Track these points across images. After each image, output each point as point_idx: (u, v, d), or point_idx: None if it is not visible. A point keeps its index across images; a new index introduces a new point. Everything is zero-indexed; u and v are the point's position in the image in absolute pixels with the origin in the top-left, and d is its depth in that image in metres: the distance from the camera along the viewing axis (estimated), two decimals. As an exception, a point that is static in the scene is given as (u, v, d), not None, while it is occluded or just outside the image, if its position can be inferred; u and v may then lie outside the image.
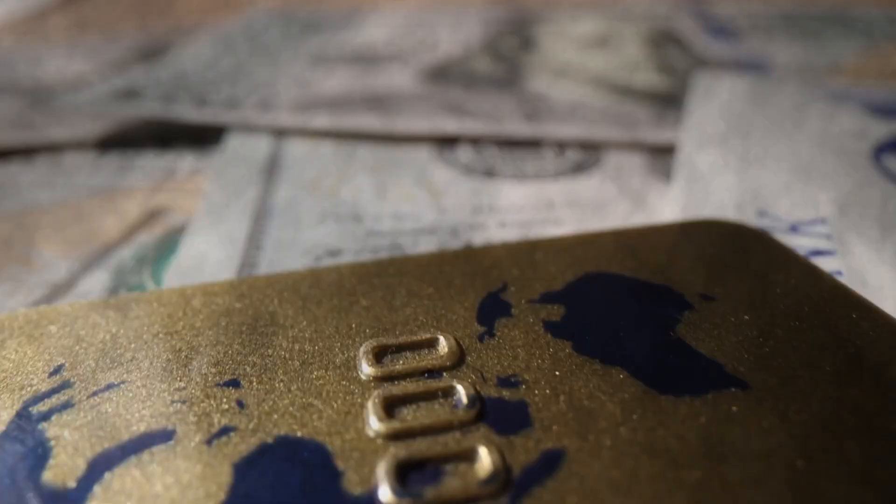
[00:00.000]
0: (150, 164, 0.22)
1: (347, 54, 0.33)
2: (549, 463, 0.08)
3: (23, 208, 0.20)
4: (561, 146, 0.22)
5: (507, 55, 0.34)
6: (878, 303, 0.12)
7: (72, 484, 0.09)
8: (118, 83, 0.27)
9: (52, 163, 0.23)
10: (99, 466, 0.09)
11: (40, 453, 0.09)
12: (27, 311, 0.13)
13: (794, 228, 0.15)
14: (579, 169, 0.20)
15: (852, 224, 0.16)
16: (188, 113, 0.24)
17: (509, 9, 0.43)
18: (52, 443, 0.09)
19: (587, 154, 0.21)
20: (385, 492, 0.08)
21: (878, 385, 0.10)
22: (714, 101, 0.24)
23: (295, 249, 0.16)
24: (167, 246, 0.17)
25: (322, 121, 0.23)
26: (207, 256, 0.16)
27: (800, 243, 0.15)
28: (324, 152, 0.22)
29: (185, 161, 0.22)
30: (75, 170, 0.22)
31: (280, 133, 0.23)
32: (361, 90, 0.27)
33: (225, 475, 0.09)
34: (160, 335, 0.11)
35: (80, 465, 0.09)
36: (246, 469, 0.09)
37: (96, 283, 0.16)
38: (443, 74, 0.30)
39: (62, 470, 0.09)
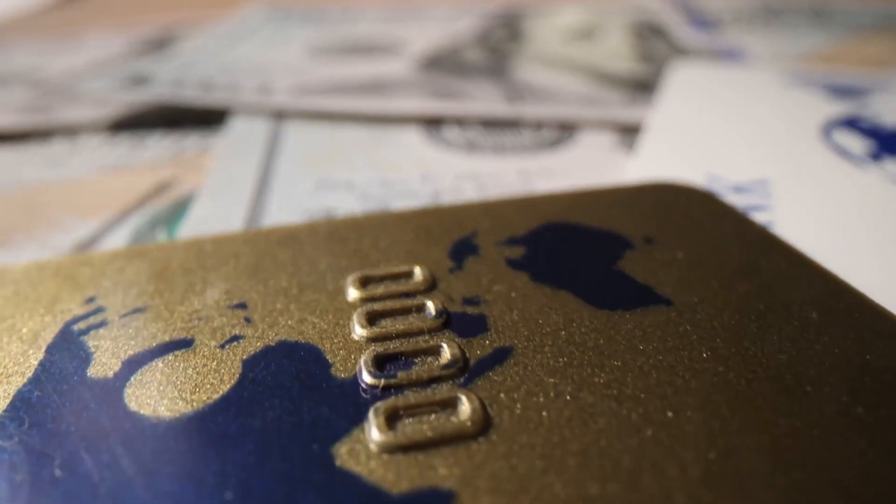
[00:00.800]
0: (159, 144, 0.24)
1: (344, 45, 0.34)
2: (500, 356, 0.10)
3: (42, 183, 0.21)
4: (538, 125, 0.24)
5: (497, 46, 0.36)
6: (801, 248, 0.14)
7: (111, 376, 0.10)
8: (129, 71, 0.29)
9: (67, 144, 0.25)
10: (132, 365, 0.11)
11: (83, 357, 0.11)
12: (61, 257, 0.14)
13: (738, 189, 0.17)
14: (554, 144, 0.22)
15: (790, 185, 0.17)
16: (194, 97, 0.26)
17: (502, 3, 0.45)
18: (92, 350, 0.11)
19: (562, 132, 0.23)
20: (366, 375, 0.10)
21: (782, 303, 0.12)
22: (683, 85, 0.26)
23: (293, 211, 0.18)
24: (178, 210, 0.19)
25: (319, 103, 0.25)
26: (215, 217, 0.18)
27: (740, 200, 0.17)
28: (320, 133, 0.24)
29: (192, 141, 0.24)
30: (90, 150, 0.24)
31: (279, 115, 0.25)
32: (357, 77, 0.28)
33: (235, 368, 0.10)
34: (178, 273, 0.13)
35: (117, 364, 0.11)
36: (252, 363, 0.11)
37: (116, 241, 0.18)
38: (435, 64, 0.32)
39: (102, 368, 0.11)
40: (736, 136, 0.20)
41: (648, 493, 0.08)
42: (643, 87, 0.27)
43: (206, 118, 0.25)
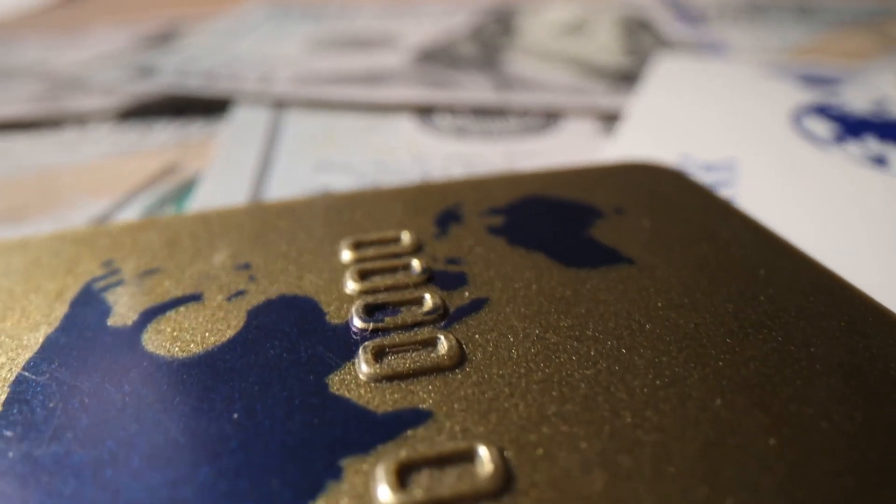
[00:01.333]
0: (165, 131, 0.26)
1: (341, 40, 0.36)
2: (477, 305, 0.12)
3: (56, 166, 0.23)
4: (525, 113, 0.25)
5: (489, 41, 0.37)
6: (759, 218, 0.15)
7: (129, 325, 0.12)
8: (136, 63, 0.30)
9: (78, 131, 0.26)
10: (148, 315, 0.12)
11: (104, 309, 0.12)
12: (79, 228, 0.16)
13: (707, 167, 0.19)
14: (539, 130, 0.24)
15: (755, 164, 0.19)
16: (199, 87, 0.27)
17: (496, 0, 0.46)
18: (112, 304, 0.12)
19: (547, 119, 0.25)
20: (357, 321, 0.11)
21: (734, 262, 0.13)
22: (665, 76, 0.27)
23: (293, 190, 0.19)
24: (185, 190, 0.20)
25: (317, 92, 0.26)
26: (220, 195, 0.19)
27: (709, 177, 0.18)
28: (319, 121, 0.25)
29: (196, 128, 0.26)
30: (99, 137, 0.25)
31: (280, 104, 0.26)
32: (354, 70, 0.30)
33: (240, 316, 0.12)
34: (187, 240, 0.15)
35: (134, 315, 0.12)
36: (256, 313, 0.12)
37: (128, 217, 0.19)
38: (429, 57, 0.33)
39: (121, 318, 0.12)
40: (709, 121, 0.22)
41: (600, 412, 0.09)
42: (628, 78, 0.29)
43: (210, 107, 0.27)
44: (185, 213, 0.16)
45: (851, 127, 0.21)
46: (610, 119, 0.24)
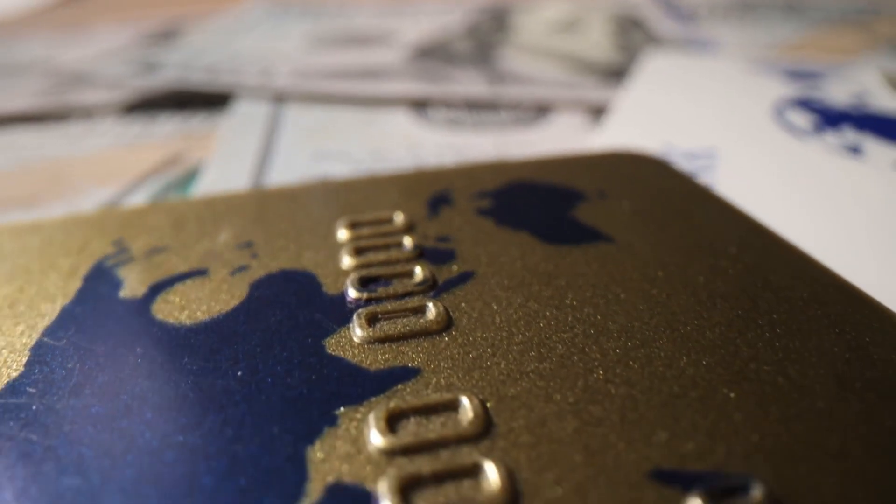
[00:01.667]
0: (168, 124, 0.26)
1: (340, 37, 0.37)
2: (464, 277, 0.12)
3: (64, 157, 0.24)
4: (516, 106, 0.26)
5: (485, 38, 0.38)
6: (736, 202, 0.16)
7: (140, 296, 0.13)
8: (140, 59, 0.31)
9: (84, 124, 0.27)
10: (157, 288, 0.13)
11: (115, 283, 0.13)
12: (89, 211, 0.16)
13: (689, 155, 0.19)
14: (530, 122, 0.24)
15: (734, 152, 0.19)
16: (201, 81, 0.28)
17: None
18: (123, 278, 0.13)
19: (538, 112, 0.25)
20: (352, 291, 0.12)
21: (708, 240, 0.14)
22: (653, 71, 0.28)
23: (292, 177, 0.20)
24: (189, 178, 0.21)
25: (316, 86, 0.27)
26: (223, 182, 0.20)
27: (690, 164, 0.19)
28: (317, 114, 0.26)
29: (199, 121, 0.26)
30: (105, 130, 0.26)
31: (280, 98, 0.27)
32: (352, 65, 0.31)
33: (243, 288, 0.13)
34: (193, 222, 0.15)
35: (144, 288, 0.13)
36: (258, 285, 0.13)
37: (136, 203, 0.20)
38: (426, 54, 0.34)
39: (132, 291, 0.13)
40: (693, 113, 0.23)
41: (575, 369, 0.10)
42: (618, 74, 0.30)
43: (212, 101, 0.27)
44: (191, 198, 0.17)
45: (831, 118, 0.22)
46: (599, 112, 0.25)
